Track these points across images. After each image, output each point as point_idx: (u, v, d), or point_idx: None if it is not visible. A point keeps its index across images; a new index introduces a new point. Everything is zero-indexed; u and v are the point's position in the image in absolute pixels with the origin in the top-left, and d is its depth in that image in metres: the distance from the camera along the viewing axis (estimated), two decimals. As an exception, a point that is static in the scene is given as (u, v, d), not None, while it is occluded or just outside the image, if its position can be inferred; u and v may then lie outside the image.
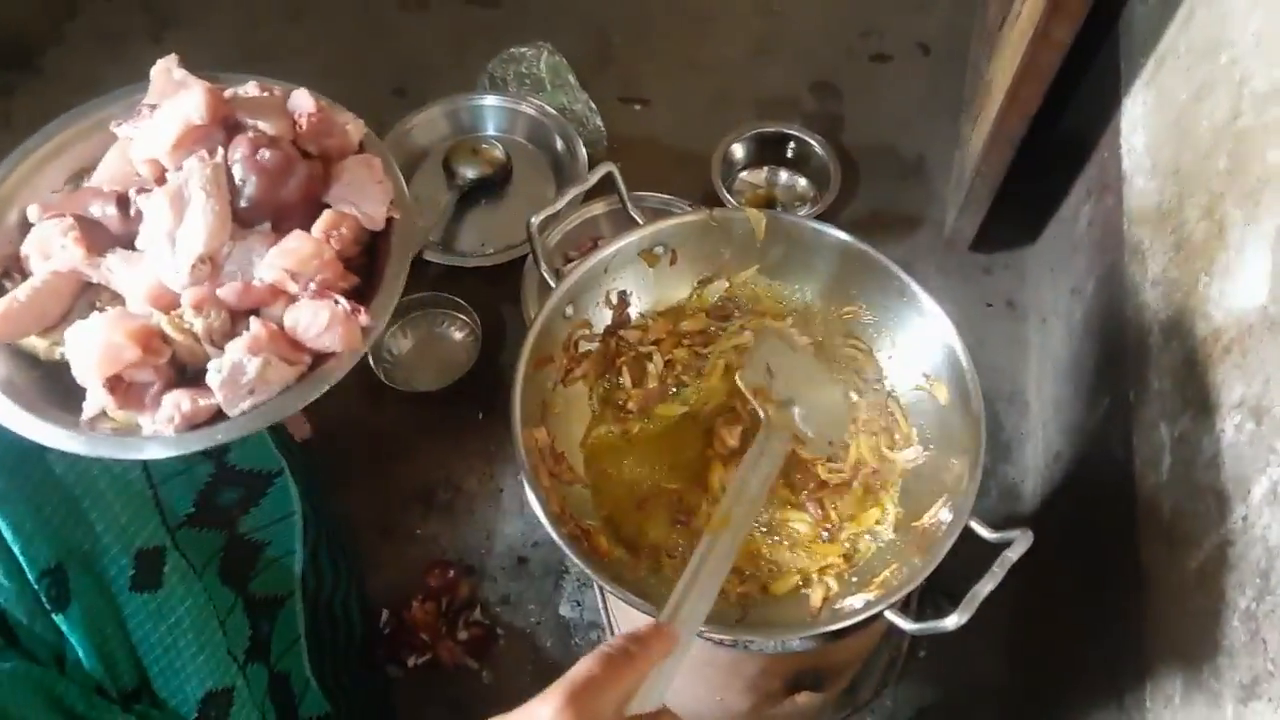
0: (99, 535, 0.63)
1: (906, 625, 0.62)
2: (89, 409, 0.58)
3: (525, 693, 0.45)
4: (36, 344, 0.62)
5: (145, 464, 0.66)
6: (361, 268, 0.67)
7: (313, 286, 0.60)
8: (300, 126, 0.65)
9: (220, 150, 0.61)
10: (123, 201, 0.62)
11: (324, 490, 0.91)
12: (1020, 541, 0.62)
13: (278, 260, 0.60)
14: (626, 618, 0.85)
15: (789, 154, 1.46)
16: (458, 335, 1.35)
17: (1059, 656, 1.06)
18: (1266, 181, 0.78)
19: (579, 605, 1.17)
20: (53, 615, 0.60)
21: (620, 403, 0.83)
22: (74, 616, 0.61)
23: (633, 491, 0.79)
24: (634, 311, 0.85)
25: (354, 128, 0.69)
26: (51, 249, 0.61)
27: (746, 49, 1.63)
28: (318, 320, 0.60)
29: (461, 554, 1.22)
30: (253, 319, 0.59)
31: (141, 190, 0.62)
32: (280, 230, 0.62)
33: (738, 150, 1.45)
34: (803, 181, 1.46)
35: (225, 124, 0.61)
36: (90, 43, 1.62)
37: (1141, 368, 0.94)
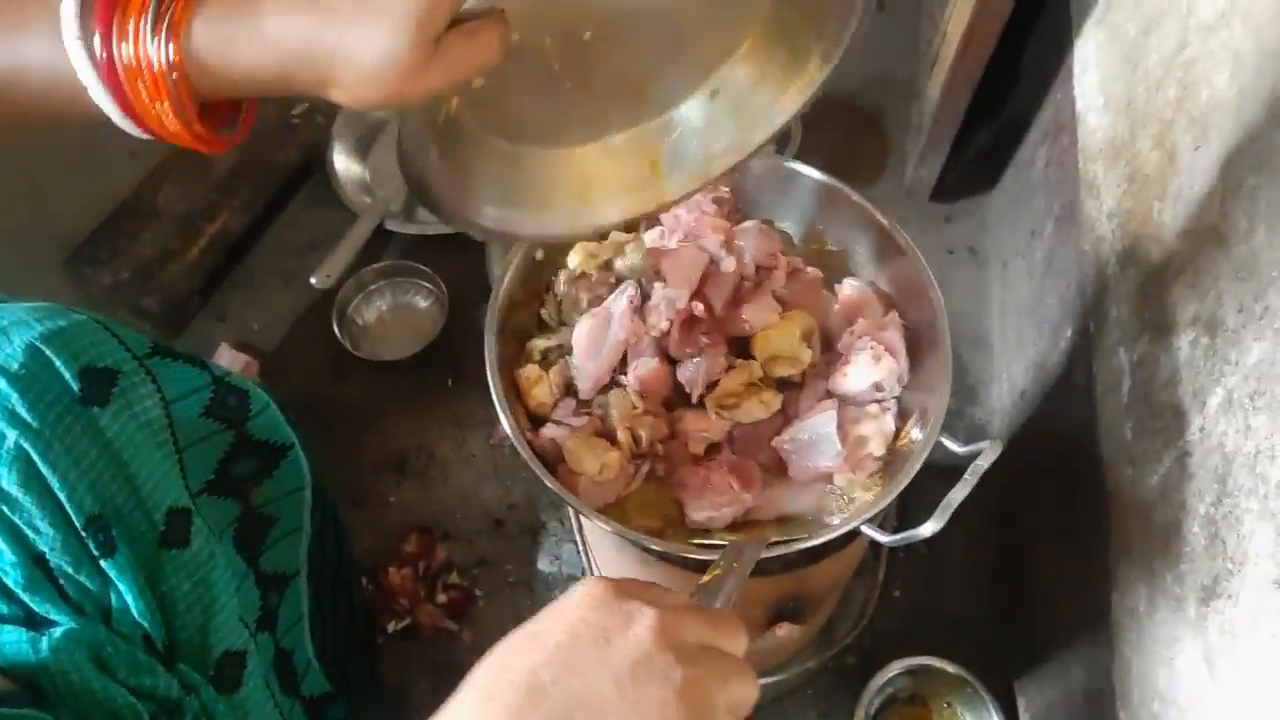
0: (137, 488, 0.61)
1: (883, 538, 0.63)
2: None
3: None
4: None
5: (173, 428, 0.65)
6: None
7: None
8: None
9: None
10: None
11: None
12: (990, 450, 0.63)
13: None
14: (606, 561, 0.86)
15: (749, 111, 1.46)
16: (423, 303, 1.34)
17: (1029, 587, 1.09)
18: (1215, 106, 0.79)
19: (557, 559, 1.17)
20: (101, 561, 0.59)
21: None
22: (120, 563, 0.60)
23: None
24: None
25: None
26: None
27: (702, 10, 1.63)
28: None
29: (437, 519, 1.21)
30: None
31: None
32: None
33: (698, 108, 1.45)
34: (763, 138, 1.47)
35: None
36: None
37: (1100, 298, 0.96)
